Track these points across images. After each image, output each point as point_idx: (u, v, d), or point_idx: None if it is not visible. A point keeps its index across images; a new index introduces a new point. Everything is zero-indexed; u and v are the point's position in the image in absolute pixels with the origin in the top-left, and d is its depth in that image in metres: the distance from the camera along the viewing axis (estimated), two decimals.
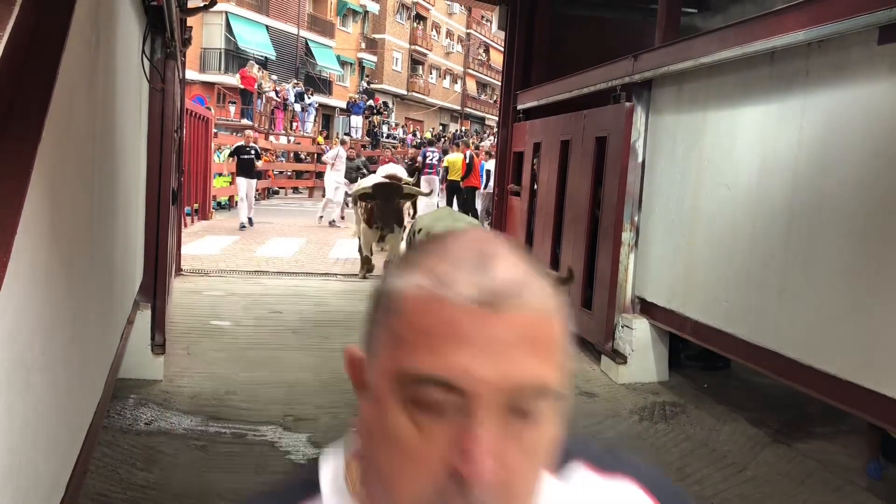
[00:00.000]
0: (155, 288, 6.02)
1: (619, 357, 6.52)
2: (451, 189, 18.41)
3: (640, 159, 6.55)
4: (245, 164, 15.73)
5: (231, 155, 16.57)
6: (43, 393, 1.86)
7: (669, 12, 6.51)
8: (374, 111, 34.96)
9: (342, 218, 17.15)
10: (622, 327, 6.59)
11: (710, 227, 5.63)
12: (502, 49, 11.80)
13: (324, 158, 18.89)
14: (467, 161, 17.98)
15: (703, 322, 5.64)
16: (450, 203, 18.11)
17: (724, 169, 5.45)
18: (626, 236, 6.61)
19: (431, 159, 19.26)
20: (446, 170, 18.79)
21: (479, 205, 17.91)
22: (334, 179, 17.39)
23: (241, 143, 16.24)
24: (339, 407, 5.47)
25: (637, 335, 6.46)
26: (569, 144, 7.87)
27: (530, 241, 9.13)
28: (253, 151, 15.87)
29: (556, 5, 9.99)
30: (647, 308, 6.52)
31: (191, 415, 5.20)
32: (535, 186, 9.04)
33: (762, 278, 4.96)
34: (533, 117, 9.53)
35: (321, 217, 16.98)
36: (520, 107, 9.90)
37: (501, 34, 11.44)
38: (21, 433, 1.68)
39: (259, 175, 17.16)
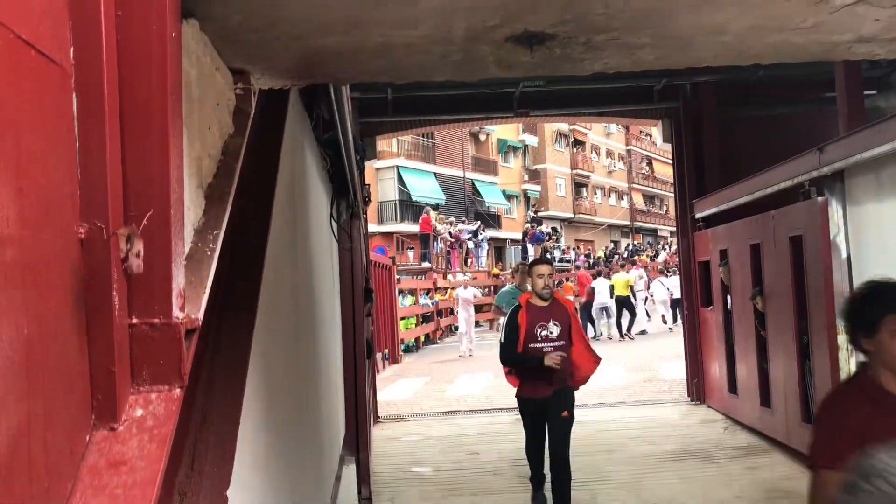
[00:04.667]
0: (357, 441, 6.13)
1: None
2: (619, 304, 19.65)
3: (843, 255, 6.04)
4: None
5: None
6: None
7: (851, 98, 6.17)
8: (548, 237, 35.37)
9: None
10: None
11: None
12: (665, 160, 11.61)
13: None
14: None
15: None
16: (620, 317, 19.66)
17: None
18: (843, 339, 6.01)
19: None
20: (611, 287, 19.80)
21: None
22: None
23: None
24: None
25: None
26: (759, 248, 7.44)
27: (732, 354, 8.56)
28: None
29: (723, 109, 9.79)
30: None
31: None
32: (729, 297, 8.57)
33: None
34: (713, 224, 9.17)
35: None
36: (698, 215, 9.59)
37: (663, 146, 11.31)
38: None
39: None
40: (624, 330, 19.56)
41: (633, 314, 19.66)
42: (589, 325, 22.81)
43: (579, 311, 19.60)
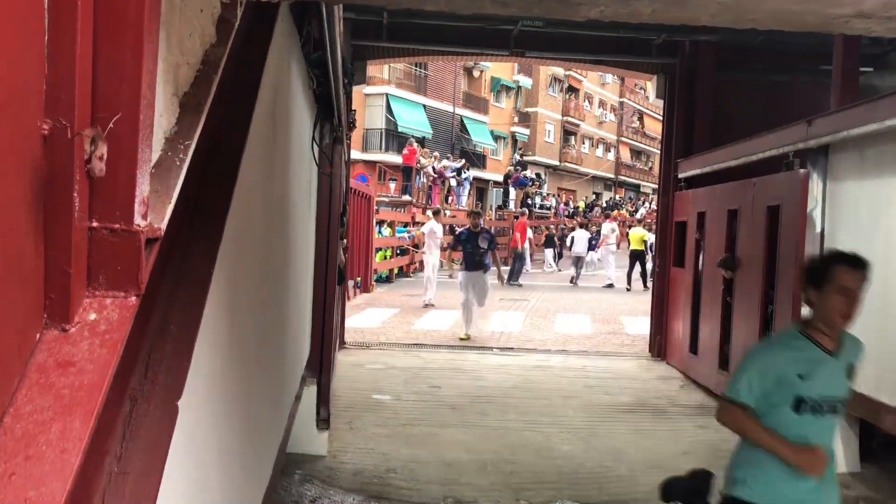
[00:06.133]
0: (321, 364, 6.18)
1: None
2: (634, 257, 20.07)
3: (818, 229, 6.10)
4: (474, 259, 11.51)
5: (455, 246, 12.35)
6: (218, 488, 1.89)
7: (846, 73, 6.13)
8: (532, 183, 35.34)
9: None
10: None
11: None
12: (657, 116, 11.58)
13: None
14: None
15: None
16: (632, 269, 20.04)
17: None
18: (807, 312, 6.12)
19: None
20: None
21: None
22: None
23: (467, 227, 12.22)
24: (499, 490, 5.32)
25: None
26: (737, 214, 7.49)
27: (696, 315, 8.69)
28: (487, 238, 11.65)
29: (719, 71, 9.71)
30: None
31: (353, 493, 5.21)
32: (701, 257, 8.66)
33: None
34: (695, 186, 9.19)
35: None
36: (681, 175, 9.60)
37: (656, 101, 11.24)
38: None
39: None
40: (640, 280, 19.87)
41: (644, 267, 19.79)
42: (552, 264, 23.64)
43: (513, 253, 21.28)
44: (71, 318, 1.06)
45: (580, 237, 21.99)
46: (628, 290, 19.48)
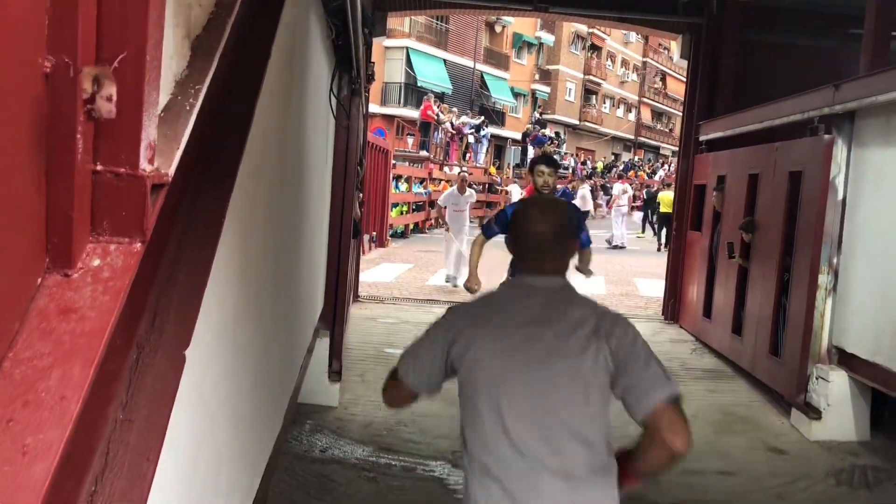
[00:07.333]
0: (334, 316, 6.21)
1: (812, 411, 5.95)
2: (664, 219, 19.63)
3: (839, 196, 6.00)
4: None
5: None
6: (226, 437, 1.89)
7: (877, 37, 5.95)
8: (550, 141, 35.00)
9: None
10: (816, 379, 6.02)
11: None
12: (680, 77, 11.37)
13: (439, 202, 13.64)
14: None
15: None
16: (661, 231, 20.48)
17: None
18: (824, 279, 6.06)
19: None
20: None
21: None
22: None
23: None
24: None
25: (834, 388, 5.88)
26: (758, 178, 7.37)
27: (712, 280, 8.63)
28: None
29: (746, 32, 9.48)
30: (845, 359, 5.92)
31: (363, 444, 5.27)
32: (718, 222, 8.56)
33: None
34: (716, 149, 9.06)
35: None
36: (702, 138, 9.45)
37: (680, 62, 11.03)
38: (204, 478, 1.70)
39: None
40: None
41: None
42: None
43: None
44: (73, 263, 1.04)
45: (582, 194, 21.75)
46: (659, 251, 19.25)
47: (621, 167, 41.82)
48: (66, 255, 1.03)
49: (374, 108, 24.32)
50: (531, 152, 33.13)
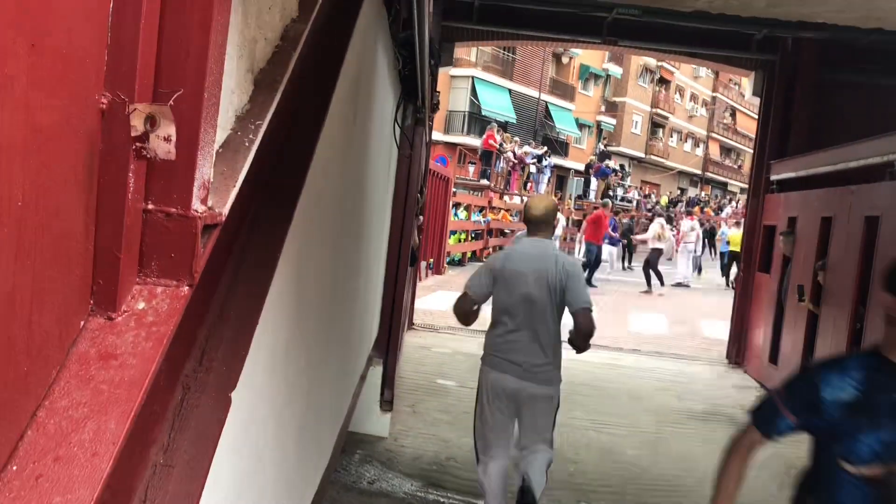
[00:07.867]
0: (388, 344, 6.17)
1: None
2: (732, 257, 19.38)
3: None
4: None
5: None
6: (272, 475, 1.84)
7: None
8: (614, 173, 34.63)
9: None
10: None
11: None
12: (751, 113, 11.10)
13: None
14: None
15: None
16: (728, 269, 20.38)
17: None
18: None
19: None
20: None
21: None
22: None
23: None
24: (560, 489, 5.20)
25: None
26: (831, 222, 7.10)
27: (779, 324, 8.33)
28: None
29: (821, 70, 9.20)
30: None
31: (412, 478, 5.18)
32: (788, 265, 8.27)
33: None
34: (787, 189, 8.78)
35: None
36: (773, 177, 9.18)
37: (752, 99, 10.78)
38: None
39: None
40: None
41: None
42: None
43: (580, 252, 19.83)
44: (118, 306, 1.00)
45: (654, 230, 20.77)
46: (727, 288, 18.71)
47: (685, 202, 41.09)
48: (110, 297, 0.99)
49: (437, 135, 24.48)
50: (594, 184, 32.84)
